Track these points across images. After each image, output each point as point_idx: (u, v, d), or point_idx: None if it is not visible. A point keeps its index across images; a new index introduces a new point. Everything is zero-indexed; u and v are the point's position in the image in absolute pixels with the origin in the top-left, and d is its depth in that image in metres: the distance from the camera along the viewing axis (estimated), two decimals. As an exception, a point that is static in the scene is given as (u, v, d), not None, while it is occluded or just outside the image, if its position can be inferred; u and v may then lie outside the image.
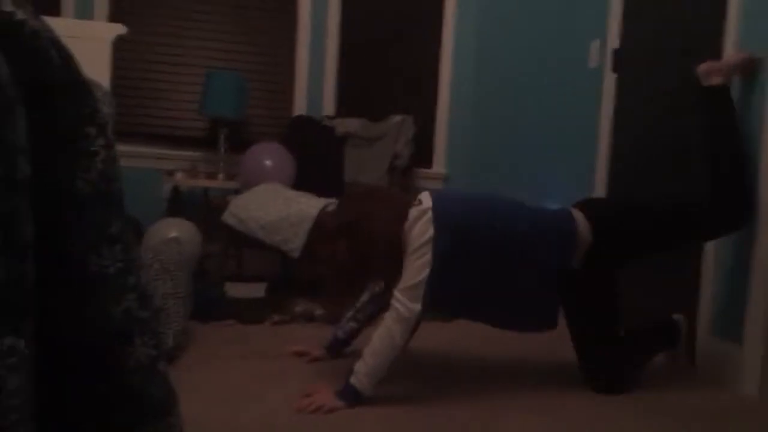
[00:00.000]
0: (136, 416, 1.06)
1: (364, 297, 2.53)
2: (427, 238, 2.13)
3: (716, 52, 2.68)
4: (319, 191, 3.53)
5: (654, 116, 3.16)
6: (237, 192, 3.73)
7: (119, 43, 3.60)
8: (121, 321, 1.03)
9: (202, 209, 4.04)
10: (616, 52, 3.42)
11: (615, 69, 3.42)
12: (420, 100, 4.35)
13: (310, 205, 3.26)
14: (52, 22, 0.97)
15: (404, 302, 2.12)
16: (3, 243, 0.85)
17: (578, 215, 2.38)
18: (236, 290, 3.34)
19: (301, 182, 3.81)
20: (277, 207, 3.30)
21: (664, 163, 3.05)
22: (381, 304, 2.48)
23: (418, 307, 2.11)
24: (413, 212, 2.19)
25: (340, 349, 2.55)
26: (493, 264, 2.24)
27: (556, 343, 2.62)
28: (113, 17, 4.04)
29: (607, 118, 3.47)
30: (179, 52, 4.31)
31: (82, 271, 0.98)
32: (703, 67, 2.56)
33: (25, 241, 0.86)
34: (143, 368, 1.06)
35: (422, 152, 4.23)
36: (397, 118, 4.09)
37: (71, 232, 0.97)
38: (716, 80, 2.52)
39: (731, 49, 2.61)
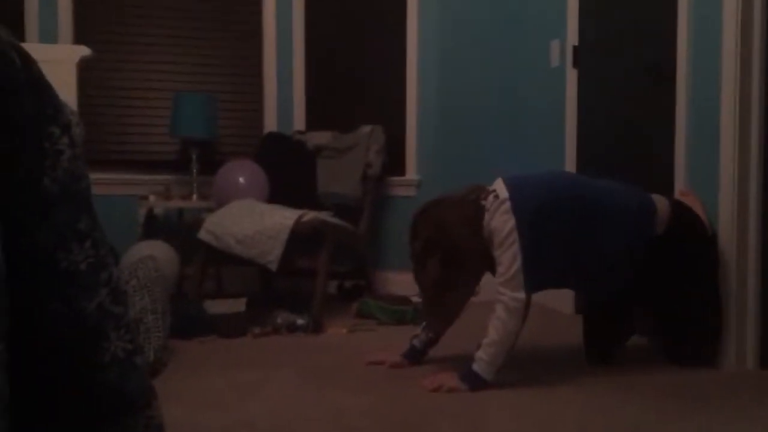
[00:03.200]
0: (115, 410, 1.07)
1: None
2: (510, 228, 2.20)
3: (670, 39, 2.75)
4: (293, 205, 3.54)
5: (615, 106, 3.23)
6: (211, 211, 3.73)
7: (86, 70, 3.60)
8: (95, 316, 1.04)
9: (178, 231, 4.04)
10: (576, 49, 3.50)
11: (575, 65, 3.50)
12: (389, 109, 4.38)
13: (285, 217, 3.27)
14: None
15: (507, 293, 2.20)
16: (-29, 240, 0.86)
17: (662, 201, 2.47)
18: (216, 307, 3.33)
19: (275, 197, 3.82)
20: (252, 221, 3.31)
21: (627, 150, 3.12)
22: (449, 313, 2.52)
23: (522, 295, 2.20)
24: (492, 204, 2.25)
25: (418, 358, 2.54)
26: (578, 238, 2.32)
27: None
28: (78, 42, 4.04)
29: (572, 114, 3.54)
30: (146, 76, 4.32)
31: (53, 268, 1.00)
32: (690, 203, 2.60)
33: (-6, 239, 0.87)
34: (120, 362, 1.07)
35: (394, 160, 4.26)
36: (367, 128, 4.12)
37: (40, 229, 0.98)
38: (707, 228, 2.52)
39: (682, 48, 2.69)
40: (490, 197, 2.28)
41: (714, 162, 2.52)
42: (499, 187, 2.29)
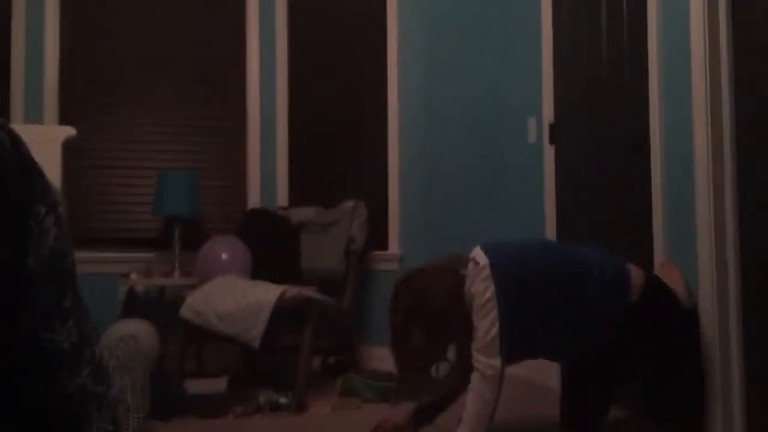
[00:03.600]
0: (95, 494, 1.04)
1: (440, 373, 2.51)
2: (490, 295, 2.21)
3: (643, 116, 2.85)
4: (276, 280, 3.53)
5: (592, 181, 3.30)
6: (193, 288, 3.70)
7: (69, 149, 3.63)
8: (77, 396, 1.03)
9: (159, 309, 3.99)
10: (552, 126, 3.60)
11: (552, 141, 3.59)
12: (371, 184, 4.44)
13: (268, 293, 3.26)
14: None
15: (484, 361, 2.19)
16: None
17: (635, 269, 2.48)
18: (197, 386, 3.27)
19: (258, 273, 3.81)
20: (234, 297, 3.28)
21: (606, 223, 3.17)
22: (455, 382, 2.50)
23: (497, 362, 2.19)
24: (471, 271, 2.26)
25: (429, 418, 2.50)
26: (554, 304, 2.32)
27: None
28: (63, 121, 4.09)
29: (551, 189, 3.61)
30: (130, 155, 4.35)
31: (35, 347, 0.99)
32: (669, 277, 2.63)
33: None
34: (101, 444, 1.05)
35: (377, 235, 4.29)
36: (350, 203, 4.16)
37: (24, 308, 0.98)
38: (688, 301, 2.54)
39: (655, 129, 2.78)
40: (470, 264, 2.29)
41: (691, 234, 2.57)
42: (478, 254, 2.31)
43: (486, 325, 2.21)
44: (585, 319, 2.38)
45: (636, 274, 2.48)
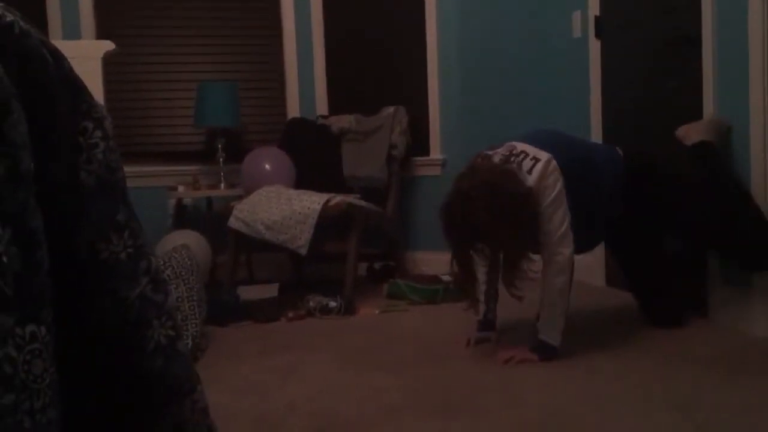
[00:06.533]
0: (161, 396, 1.09)
1: (482, 277, 2.47)
2: (560, 187, 2.25)
3: (695, 7, 2.71)
4: (320, 189, 3.55)
5: (640, 76, 3.18)
6: (240, 199, 3.76)
7: (109, 65, 3.64)
8: (137, 306, 1.06)
9: (208, 221, 4.08)
10: (598, 19, 3.45)
11: (598, 35, 3.45)
12: (411, 89, 4.36)
13: (313, 201, 3.29)
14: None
15: (561, 251, 2.26)
16: (15, 236, 0.88)
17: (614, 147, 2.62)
18: (249, 293, 3.37)
19: (302, 182, 3.84)
20: (280, 206, 3.33)
21: (654, 120, 3.08)
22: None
23: (570, 250, 2.28)
24: (534, 166, 2.25)
25: (492, 327, 2.57)
26: (583, 189, 2.37)
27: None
28: (100, 37, 4.08)
29: (597, 85, 3.50)
30: (168, 68, 4.35)
31: (94, 259, 1.02)
32: (680, 132, 2.64)
33: (36, 233, 0.89)
34: (163, 349, 1.09)
35: (418, 141, 4.25)
36: (390, 109, 4.11)
37: (79, 222, 1.00)
38: (696, 138, 2.56)
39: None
40: (527, 160, 2.27)
41: (745, 131, 2.48)
42: (528, 148, 2.31)
43: (560, 216, 2.25)
44: (601, 198, 2.46)
45: (616, 150, 2.59)
